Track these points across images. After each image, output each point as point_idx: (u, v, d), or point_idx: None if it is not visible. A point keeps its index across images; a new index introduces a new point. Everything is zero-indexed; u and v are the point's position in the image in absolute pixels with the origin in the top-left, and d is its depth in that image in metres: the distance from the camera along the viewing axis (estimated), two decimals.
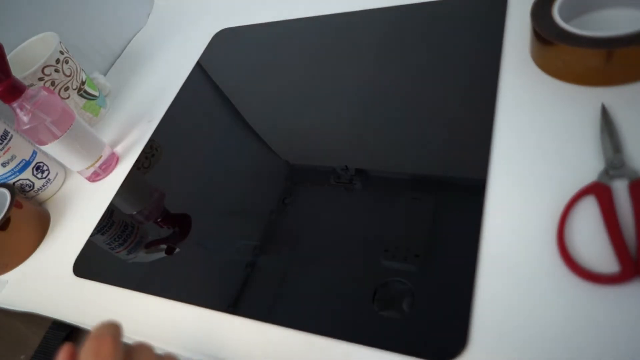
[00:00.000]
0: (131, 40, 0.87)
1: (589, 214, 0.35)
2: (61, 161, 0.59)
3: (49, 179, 0.62)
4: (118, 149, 0.65)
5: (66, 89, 0.65)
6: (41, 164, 0.61)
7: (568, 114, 0.41)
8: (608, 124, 0.39)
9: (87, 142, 0.59)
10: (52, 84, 0.63)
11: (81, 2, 0.78)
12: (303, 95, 0.59)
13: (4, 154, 0.57)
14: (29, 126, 0.53)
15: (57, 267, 0.54)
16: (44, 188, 0.62)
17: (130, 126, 0.68)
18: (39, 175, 0.61)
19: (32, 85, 0.61)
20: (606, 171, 0.36)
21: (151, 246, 0.52)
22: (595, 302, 0.32)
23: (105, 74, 0.82)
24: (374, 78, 0.56)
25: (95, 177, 0.62)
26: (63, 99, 0.64)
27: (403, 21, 0.60)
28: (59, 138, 0.55)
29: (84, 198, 0.61)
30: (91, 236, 0.56)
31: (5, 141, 0.57)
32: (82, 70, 0.68)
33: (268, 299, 0.42)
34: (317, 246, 0.44)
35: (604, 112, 0.39)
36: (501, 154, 0.42)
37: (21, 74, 0.60)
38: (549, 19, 0.43)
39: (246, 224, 0.49)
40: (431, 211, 0.42)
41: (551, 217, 0.36)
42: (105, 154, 0.61)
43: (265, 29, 0.72)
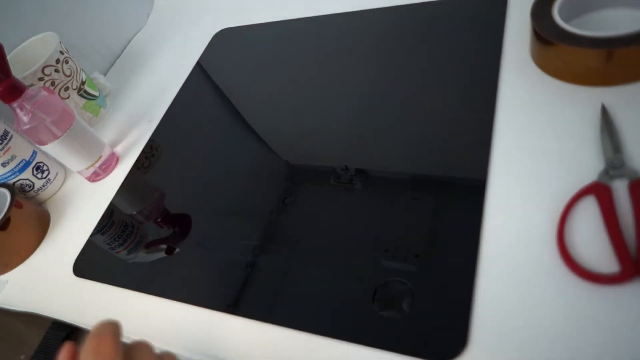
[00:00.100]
0: (131, 40, 0.87)
1: (589, 214, 0.35)
2: (61, 161, 0.59)
3: (49, 179, 0.62)
4: (118, 149, 0.65)
5: (66, 89, 0.65)
6: (41, 164, 0.61)
7: (568, 114, 0.41)
8: (608, 124, 0.39)
9: (87, 142, 0.59)
10: (52, 84, 0.63)
11: (81, 2, 0.78)
12: (303, 95, 0.59)
13: (4, 154, 0.57)
14: (29, 126, 0.53)
15: (57, 267, 0.54)
16: (44, 188, 0.62)
17: (130, 126, 0.68)
18: (39, 175, 0.61)
19: (32, 85, 0.61)
20: (606, 171, 0.36)
21: (151, 246, 0.52)
22: (595, 302, 0.32)
23: (105, 74, 0.82)
24: (374, 78, 0.56)
25: (95, 177, 0.62)
26: (63, 99, 0.64)
27: (403, 21, 0.60)
28: (59, 138, 0.55)
29: (84, 198, 0.61)
30: (91, 236, 0.56)
31: (5, 141, 0.57)
32: (82, 70, 0.68)
33: (268, 299, 0.42)
34: (317, 246, 0.44)
35: (604, 112, 0.39)
36: (501, 154, 0.42)
37: (21, 74, 0.60)
38: (549, 19, 0.43)
39: (246, 224, 0.49)
40: (431, 211, 0.42)
41: (551, 217, 0.36)
42: (105, 154, 0.62)
43: (265, 29, 0.72)
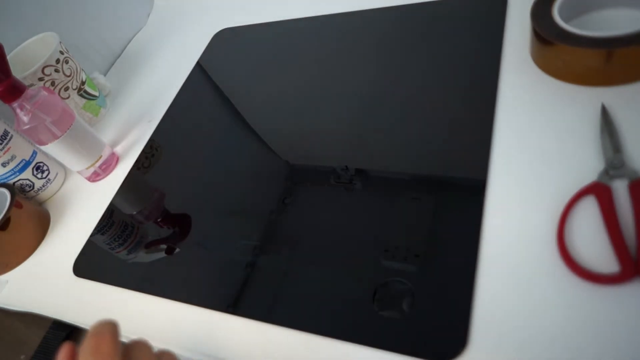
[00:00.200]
0: (131, 40, 0.87)
1: (589, 214, 0.35)
2: (61, 161, 0.59)
3: (49, 179, 0.62)
4: (118, 149, 0.65)
5: (66, 89, 0.65)
6: (41, 164, 0.61)
7: (568, 114, 0.41)
8: (608, 124, 0.39)
9: (87, 142, 0.59)
10: (52, 84, 0.63)
11: (81, 2, 0.78)
12: (303, 95, 0.59)
13: (4, 154, 0.57)
14: (29, 126, 0.53)
15: (57, 267, 0.54)
16: (44, 188, 0.62)
17: (130, 126, 0.68)
18: (39, 175, 0.61)
19: (32, 85, 0.61)
20: (606, 171, 0.36)
21: (151, 246, 0.52)
22: (595, 302, 0.32)
23: (105, 74, 0.82)
24: (374, 78, 0.56)
25: (95, 177, 0.62)
26: (63, 99, 0.64)
27: (403, 21, 0.60)
28: (59, 138, 0.55)
29: (84, 198, 0.61)
30: (91, 236, 0.56)
31: (5, 141, 0.57)
32: (82, 70, 0.68)
33: (268, 299, 0.42)
34: (317, 246, 0.44)
35: (604, 112, 0.39)
36: (501, 154, 0.42)
37: (21, 74, 0.60)
38: (549, 19, 0.43)
39: (246, 224, 0.49)
40: (431, 211, 0.42)
41: (551, 217, 0.36)
42: (105, 154, 0.62)
43: (265, 29, 0.72)
